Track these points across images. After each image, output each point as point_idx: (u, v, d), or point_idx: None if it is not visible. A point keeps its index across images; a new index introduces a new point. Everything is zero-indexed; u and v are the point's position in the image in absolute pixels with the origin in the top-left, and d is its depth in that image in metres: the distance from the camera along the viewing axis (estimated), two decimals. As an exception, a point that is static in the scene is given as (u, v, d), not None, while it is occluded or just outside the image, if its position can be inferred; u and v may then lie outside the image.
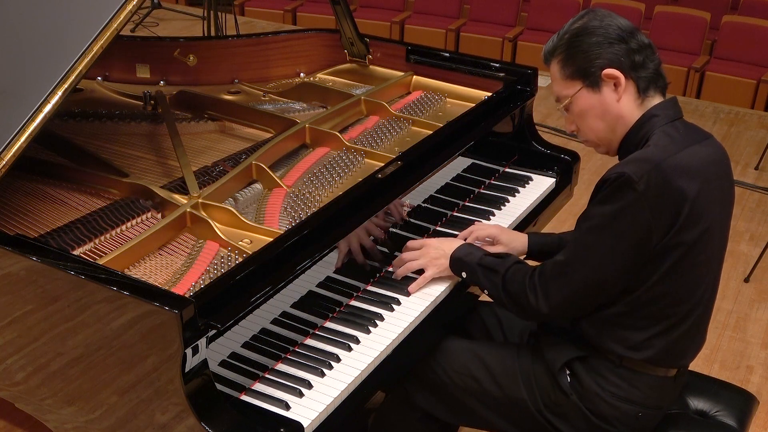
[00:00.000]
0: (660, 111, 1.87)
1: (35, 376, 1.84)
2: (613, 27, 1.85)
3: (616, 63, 1.84)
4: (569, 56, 1.88)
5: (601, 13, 1.89)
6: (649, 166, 1.76)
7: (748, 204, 4.75)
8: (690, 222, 1.78)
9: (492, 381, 2.05)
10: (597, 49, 1.84)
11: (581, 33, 1.87)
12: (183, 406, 1.60)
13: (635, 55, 1.84)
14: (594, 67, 1.85)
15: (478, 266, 2.02)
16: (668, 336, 1.88)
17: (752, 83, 6.27)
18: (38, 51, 2.02)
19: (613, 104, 1.87)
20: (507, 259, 2.00)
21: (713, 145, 1.90)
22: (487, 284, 2.00)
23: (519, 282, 1.92)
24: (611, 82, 1.85)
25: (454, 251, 2.08)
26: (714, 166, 1.86)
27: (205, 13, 5.85)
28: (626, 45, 1.84)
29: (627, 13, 6.74)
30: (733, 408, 2.09)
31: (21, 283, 1.78)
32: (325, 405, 1.74)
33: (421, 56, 2.96)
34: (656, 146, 1.81)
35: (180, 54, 2.85)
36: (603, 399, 1.92)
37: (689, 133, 1.87)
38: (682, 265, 1.81)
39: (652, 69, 1.87)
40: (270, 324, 1.86)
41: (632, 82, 1.86)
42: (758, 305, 3.77)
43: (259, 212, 2.18)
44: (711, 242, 1.85)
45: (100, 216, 2.09)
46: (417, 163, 2.29)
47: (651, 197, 1.75)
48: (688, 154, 1.81)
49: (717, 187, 1.85)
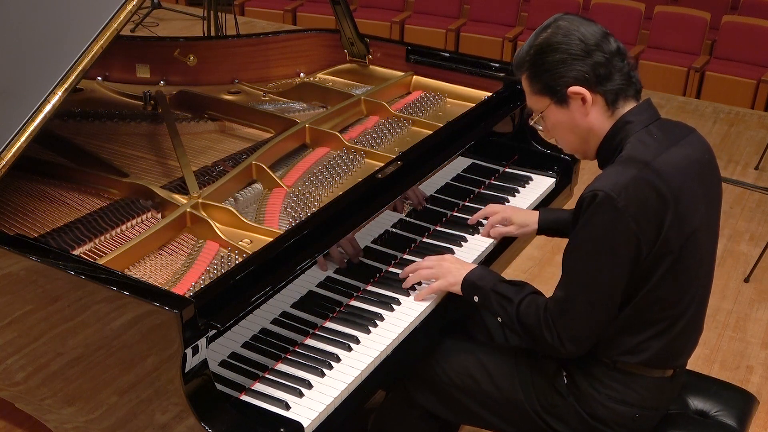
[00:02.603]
0: (634, 117, 1.85)
1: (35, 376, 1.84)
2: (576, 41, 1.80)
3: (581, 80, 1.81)
4: (535, 74, 1.87)
5: (565, 24, 1.84)
6: (626, 180, 1.74)
7: (748, 204, 4.75)
8: (675, 227, 1.77)
9: (490, 382, 2.05)
10: (561, 66, 1.82)
11: (545, 50, 1.84)
12: (183, 406, 1.60)
13: (600, 68, 1.81)
14: (559, 85, 1.83)
15: (492, 292, 1.96)
16: (663, 338, 1.88)
17: (752, 83, 6.27)
18: (38, 51, 2.02)
19: (582, 119, 1.86)
20: (522, 288, 1.95)
21: (693, 143, 1.89)
22: (501, 312, 1.95)
23: (533, 315, 1.87)
24: (578, 98, 1.84)
25: (468, 274, 2.01)
26: (695, 165, 1.84)
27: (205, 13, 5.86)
28: (591, 59, 1.80)
29: (627, 13, 6.76)
30: (733, 408, 2.09)
31: (21, 283, 1.78)
32: (325, 405, 1.74)
33: (421, 56, 2.96)
34: (631, 157, 1.80)
35: (180, 54, 2.85)
36: (599, 401, 1.92)
37: (666, 135, 1.86)
38: (673, 270, 1.80)
39: (620, 79, 1.83)
40: (270, 324, 1.86)
41: (599, 96, 1.84)
42: (758, 305, 3.77)
43: (259, 212, 2.18)
44: (700, 243, 1.84)
45: (100, 216, 2.09)
46: (417, 163, 2.29)
47: (633, 211, 1.73)
48: (665, 159, 1.79)
49: (700, 186, 1.84)
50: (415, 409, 2.18)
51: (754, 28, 6.43)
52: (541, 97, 1.89)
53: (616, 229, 1.74)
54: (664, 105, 6.24)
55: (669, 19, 6.68)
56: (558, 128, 1.92)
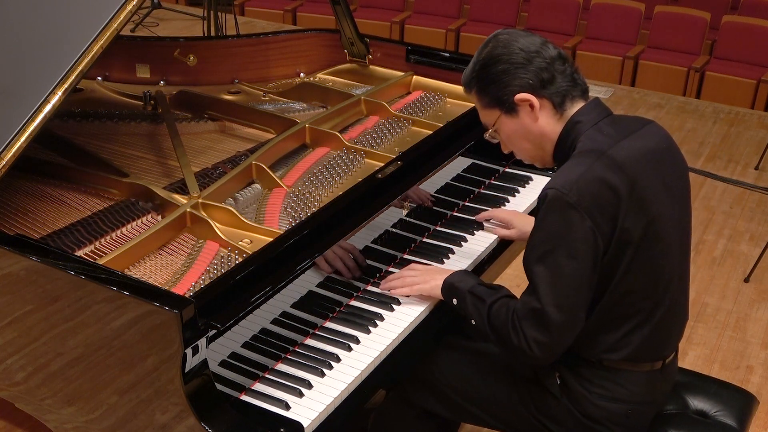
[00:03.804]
0: (582, 116, 1.88)
1: (35, 376, 1.84)
2: (516, 51, 1.86)
3: (526, 87, 1.86)
4: (482, 88, 1.92)
5: (504, 37, 1.89)
6: (576, 175, 1.76)
7: (748, 204, 4.75)
8: (631, 216, 1.78)
9: (486, 384, 2.05)
10: (505, 76, 1.87)
11: (488, 63, 1.89)
12: (183, 406, 1.60)
13: (543, 73, 1.85)
14: (506, 94, 1.88)
15: (468, 294, 1.96)
16: (642, 331, 1.88)
17: (752, 83, 6.27)
18: (38, 51, 2.02)
19: (533, 125, 1.90)
20: (497, 291, 1.95)
21: (647, 134, 1.90)
22: (474, 314, 1.94)
23: (503, 317, 1.86)
24: (526, 105, 1.88)
25: (448, 276, 2.03)
26: (650, 154, 1.86)
27: (205, 13, 5.86)
28: (532, 65, 1.85)
29: (627, 13, 6.76)
30: (733, 408, 2.09)
31: (21, 283, 1.78)
32: (325, 405, 1.74)
33: (421, 56, 2.96)
34: (580, 152, 1.83)
35: (180, 54, 2.85)
36: (590, 401, 1.92)
37: (616, 129, 1.88)
38: (638, 261, 1.81)
39: (564, 81, 1.87)
40: (270, 324, 1.87)
41: (546, 99, 1.88)
42: (758, 305, 3.77)
43: (259, 212, 2.18)
44: (664, 232, 1.84)
45: (100, 218, 2.09)
46: (417, 163, 2.29)
47: (586, 205, 1.74)
48: (615, 152, 1.81)
49: (657, 175, 1.85)
50: (413, 408, 2.18)
51: (754, 28, 6.43)
52: (491, 110, 1.94)
53: (570, 226, 1.75)
54: (664, 105, 6.24)
55: (669, 19, 6.68)
56: (512, 138, 1.96)
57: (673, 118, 5.98)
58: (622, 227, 1.77)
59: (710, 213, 4.62)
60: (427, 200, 2.38)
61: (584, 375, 1.93)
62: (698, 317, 3.65)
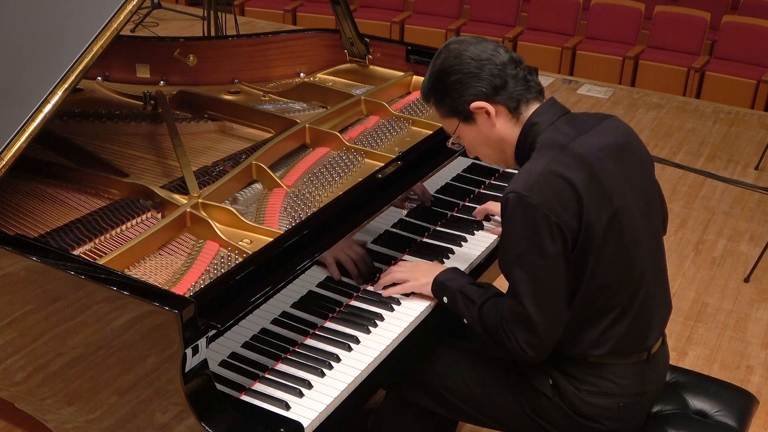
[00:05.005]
0: (539, 117, 1.91)
1: (35, 376, 1.84)
2: (467, 60, 1.88)
3: (480, 95, 1.89)
4: (438, 99, 1.96)
5: (455, 47, 1.91)
6: (535, 175, 1.79)
7: (748, 204, 4.75)
8: (594, 210, 1.79)
9: (481, 385, 2.06)
10: (459, 86, 1.90)
11: (441, 75, 1.92)
12: (183, 406, 1.60)
13: (495, 80, 1.88)
14: (461, 104, 1.91)
15: (458, 293, 1.98)
16: (620, 325, 1.89)
17: (752, 83, 6.26)
18: (38, 51, 2.02)
19: (491, 130, 1.93)
20: (486, 291, 1.97)
21: (606, 129, 1.92)
22: (466, 314, 1.96)
23: (494, 318, 1.88)
24: (482, 112, 1.90)
25: (438, 274, 2.05)
26: (608, 148, 1.87)
27: (205, 13, 5.85)
28: (484, 73, 1.88)
29: (627, 13, 6.76)
30: (733, 408, 2.09)
31: (21, 283, 1.78)
32: (325, 405, 1.74)
33: (421, 56, 2.96)
34: (537, 153, 1.85)
35: (180, 54, 2.85)
36: (581, 398, 1.93)
37: (573, 127, 1.90)
38: (606, 254, 1.82)
39: (517, 85, 1.90)
40: (270, 324, 1.87)
41: (501, 105, 1.90)
42: (758, 305, 3.77)
43: (259, 212, 2.18)
44: (629, 224, 1.85)
45: (100, 216, 2.09)
46: (417, 163, 2.29)
47: (548, 202, 1.76)
48: (572, 149, 1.83)
49: (617, 167, 1.86)
50: (411, 408, 2.19)
51: (754, 28, 6.43)
52: (450, 119, 1.98)
53: (536, 226, 1.77)
54: (664, 105, 6.24)
55: (669, 19, 6.68)
56: (474, 144, 2.00)
57: (673, 118, 5.98)
58: (587, 221, 1.79)
59: (710, 213, 4.61)
60: (428, 200, 2.38)
61: (572, 373, 1.94)
62: (698, 317, 3.65)
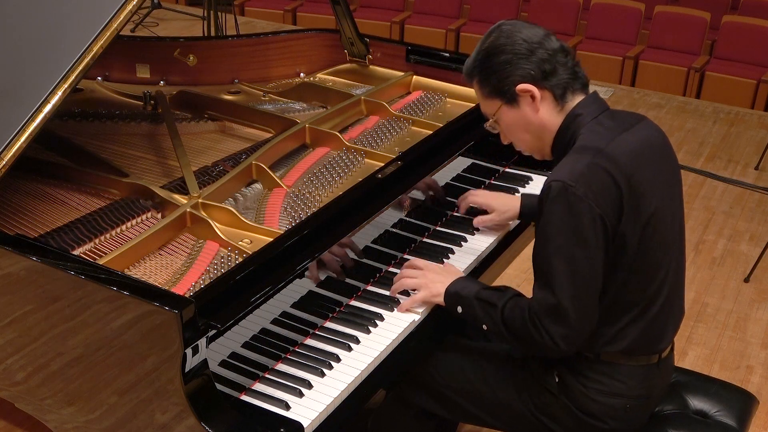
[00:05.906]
0: (583, 109, 1.90)
1: (35, 376, 1.84)
2: (519, 42, 1.87)
3: (528, 77, 1.87)
4: (484, 77, 1.94)
5: (507, 28, 1.91)
6: (581, 167, 1.78)
7: (748, 204, 4.75)
8: (633, 208, 1.79)
9: (484, 383, 2.05)
10: (507, 67, 1.88)
11: (491, 53, 1.90)
12: (183, 406, 1.60)
13: (545, 64, 1.87)
14: (507, 84, 1.89)
15: (475, 300, 1.96)
16: (639, 323, 1.89)
17: (752, 83, 6.27)
18: (38, 51, 2.02)
19: (534, 116, 1.91)
20: (505, 293, 1.95)
21: (644, 129, 1.92)
22: (486, 319, 1.94)
23: (519, 318, 1.86)
24: (527, 95, 1.89)
25: (450, 285, 2.01)
26: (647, 149, 1.88)
27: (205, 13, 5.86)
28: (535, 56, 1.86)
29: (627, 13, 6.76)
30: (733, 408, 2.09)
31: (21, 283, 1.78)
32: (325, 405, 1.74)
33: (421, 56, 2.96)
34: (584, 146, 1.84)
35: (180, 54, 2.85)
36: (589, 396, 1.93)
37: (616, 123, 1.90)
38: (638, 252, 1.82)
39: (565, 73, 1.89)
40: (270, 324, 1.86)
41: (547, 91, 1.89)
42: (758, 305, 3.77)
43: (259, 212, 2.18)
44: (663, 225, 1.86)
45: (100, 216, 2.09)
46: (417, 163, 2.29)
47: (593, 195, 1.76)
48: (617, 145, 1.83)
49: (654, 169, 1.86)
50: (411, 408, 2.18)
51: (754, 28, 6.43)
52: (492, 100, 1.95)
53: (580, 216, 1.76)
54: (664, 105, 6.24)
55: (669, 19, 6.68)
56: (512, 128, 1.98)
57: (673, 118, 5.98)
58: (626, 218, 1.79)
59: (710, 213, 4.62)
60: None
61: (581, 371, 1.93)
62: (698, 317, 3.65)
